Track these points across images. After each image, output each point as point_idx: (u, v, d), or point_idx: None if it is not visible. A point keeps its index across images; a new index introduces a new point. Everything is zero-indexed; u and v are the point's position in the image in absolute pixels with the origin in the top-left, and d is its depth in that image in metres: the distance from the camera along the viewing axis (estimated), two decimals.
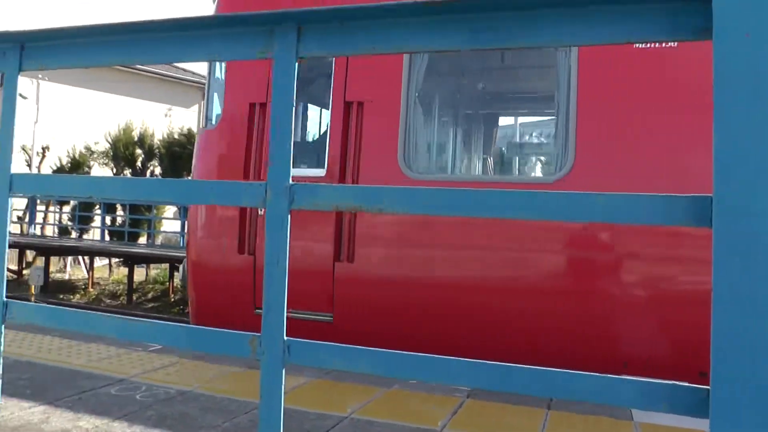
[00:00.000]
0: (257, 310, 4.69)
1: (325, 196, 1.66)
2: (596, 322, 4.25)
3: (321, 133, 5.63)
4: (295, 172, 1.69)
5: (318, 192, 1.67)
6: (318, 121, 5.87)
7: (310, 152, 5.51)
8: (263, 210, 1.66)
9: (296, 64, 1.71)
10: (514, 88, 6.58)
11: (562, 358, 4.05)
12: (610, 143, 4.29)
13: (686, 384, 1.32)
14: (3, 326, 2.16)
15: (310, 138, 5.95)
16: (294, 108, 1.69)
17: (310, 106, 5.86)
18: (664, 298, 4.17)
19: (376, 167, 4.78)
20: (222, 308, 5.15)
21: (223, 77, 5.36)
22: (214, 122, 5.53)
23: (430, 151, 6.26)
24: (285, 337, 1.69)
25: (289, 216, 1.65)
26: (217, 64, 5.27)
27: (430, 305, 4.59)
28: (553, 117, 4.92)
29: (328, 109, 5.14)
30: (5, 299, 2.15)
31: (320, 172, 4.94)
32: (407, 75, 4.72)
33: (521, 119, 6.57)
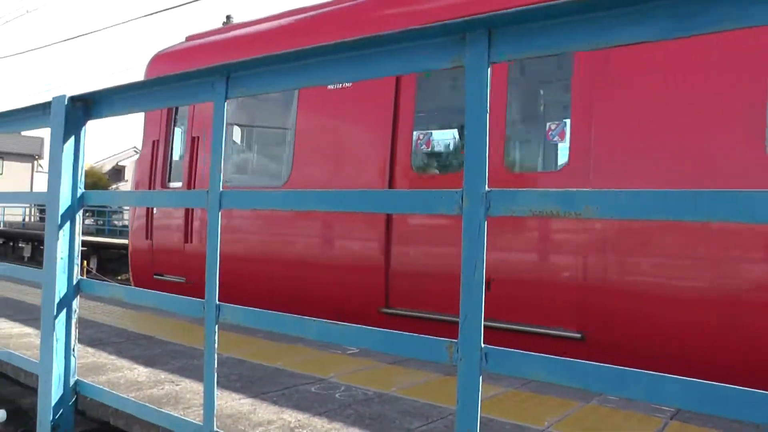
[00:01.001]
0: (155, 276, 7.43)
1: (523, 201, 1.64)
2: None
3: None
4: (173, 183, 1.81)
5: (516, 197, 1.65)
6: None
7: (180, 170, 7.71)
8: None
9: (488, 69, 1.72)
10: (270, 125, 8.56)
11: None
12: (315, 162, 6.17)
13: None
14: (216, 326, 2.43)
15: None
16: (488, 114, 1.70)
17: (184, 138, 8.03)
18: None
19: (205, 181, 6.64)
20: (140, 274, 7.80)
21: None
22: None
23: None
24: (482, 345, 1.70)
25: (486, 222, 1.67)
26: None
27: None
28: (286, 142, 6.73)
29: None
30: (218, 303, 2.42)
31: (180, 185, 7.40)
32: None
33: (273, 147, 8.37)
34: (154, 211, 7.63)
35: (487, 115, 1.69)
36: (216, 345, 2.40)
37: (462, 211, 1.70)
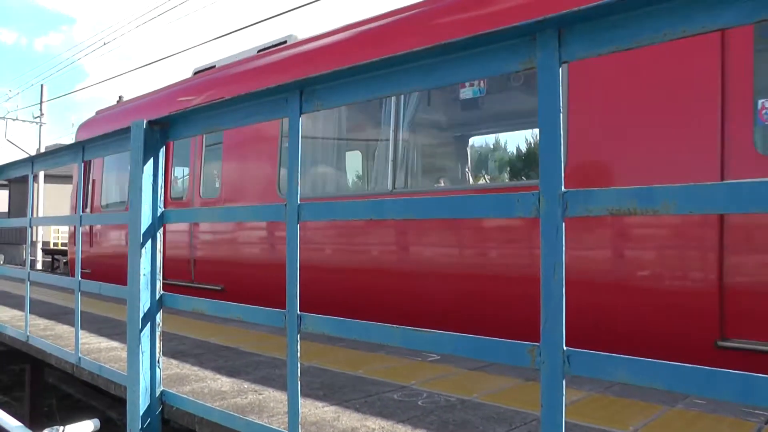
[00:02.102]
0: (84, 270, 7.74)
1: (601, 200, 1.64)
2: None
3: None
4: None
5: (593, 196, 1.66)
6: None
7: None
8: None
9: (560, 69, 1.74)
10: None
11: None
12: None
13: None
14: (299, 335, 2.52)
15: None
16: (561, 114, 1.71)
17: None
18: None
19: (97, 206, 11.51)
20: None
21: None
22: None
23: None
24: (564, 347, 1.71)
25: (564, 223, 1.68)
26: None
27: None
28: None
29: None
30: (299, 312, 2.50)
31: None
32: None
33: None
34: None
35: (560, 115, 1.70)
36: (298, 354, 2.48)
37: (539, 213, 1.72)
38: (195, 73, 10.59)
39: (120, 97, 13.31)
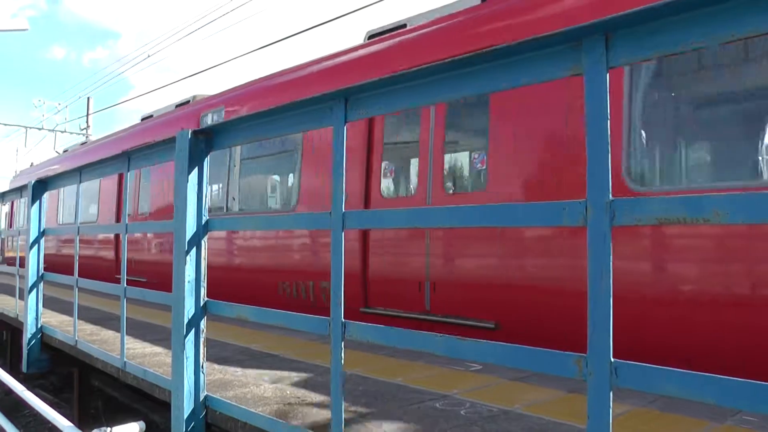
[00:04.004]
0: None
1: (649, 209, 1.63)
2: None
3: None
4: None
5: (640, 205, 1.64)
6: None
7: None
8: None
9: (607, 75, 1.73)
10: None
11: None
12: None
13: None
14: (342, 343, 2.54)
15: None
16: (608, 122, 1.70)
17: None
18: None
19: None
20: None
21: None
22: None
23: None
24: (612, 359, 1.69)
25: (611, 233, 1.66)
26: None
27: None
28: None
29: None
30: (343, 320, 2.52)
31: None
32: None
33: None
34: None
35: (608, 122, 1.69)
36: (342, 361, 2.51)
37: (587, 223, 1.71)
38: (142, 119, 13.21)
39: (31, 163, 17.45)
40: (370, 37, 7.78)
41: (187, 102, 11.59)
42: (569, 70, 1.81)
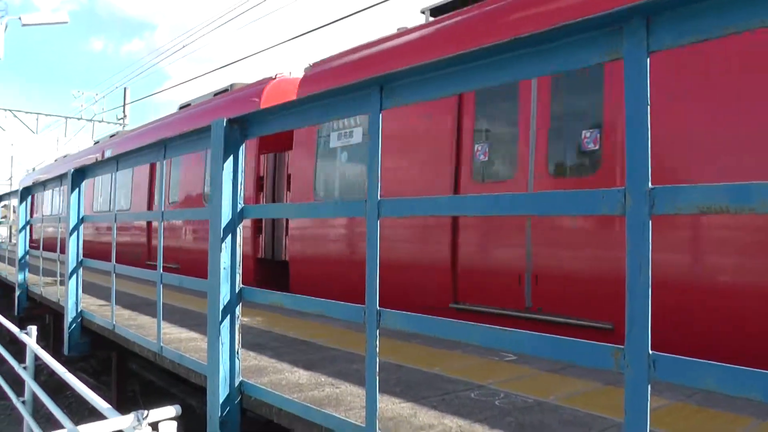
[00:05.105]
0: None
1: (690, 197, 1.59)
2: None
3: None
4: None
5: (682, 193, 1.61)
6: None
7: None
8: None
9: (647, 60, 1.69)
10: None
11: None
12: None
13: None
14: (377, 331, 2.55)
15: None
16: (648, 107, 1.66)
17: None
18: None
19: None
20: None
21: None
22: None
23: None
24: (650, 351, 1.66)
25: (650, 222, 1.63)
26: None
27: None
28: None
29: None
30: (378, 308, 2.53)
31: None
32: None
33: None
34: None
35: (648, 108, 1.66)
36: (377, 349, 2.52)
37: (625, 211, 1.68)
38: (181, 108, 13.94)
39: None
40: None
41: (226, 90, 12.05)
42: (608, 56, 1.78)
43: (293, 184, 8.55)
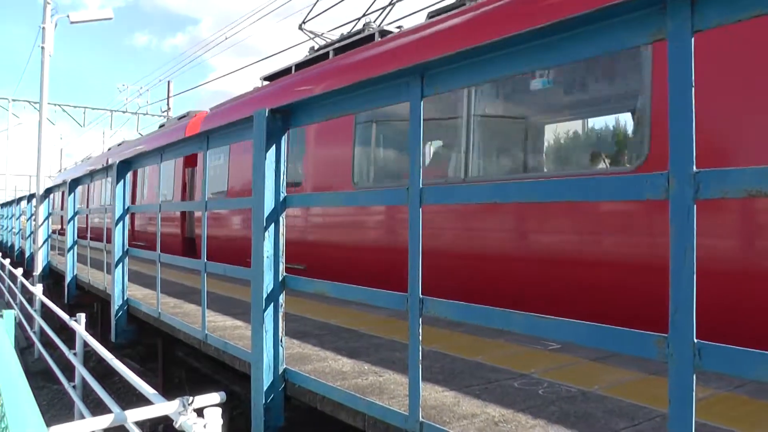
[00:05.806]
0: None
1: (738, 180, 1.56)
2: None
3: None
4: None
5: (729, 177, 1.58)
6: None
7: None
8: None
9: (692, 40, 1.66)
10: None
11: None
12: None
13: None
14: (420, 319, 2.57)
15: None
16: (693, 89, 1.64)
17: None
18: None
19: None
20: None
21: None
22: None
23: None
24: (695, 339, 1.64)
25: (695, 206, 1.62)
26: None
27: None
28: None
29: None
30: (421, 296, 2.55)
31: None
32: None
33: None
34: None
35: (692, 90, 1.64)
36: (420, 337, 2.54)
37: (669, 195, 1.66)
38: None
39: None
40: None
41: (184, 116, 15.45)
42: (652, 36, 1.75)
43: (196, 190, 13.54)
